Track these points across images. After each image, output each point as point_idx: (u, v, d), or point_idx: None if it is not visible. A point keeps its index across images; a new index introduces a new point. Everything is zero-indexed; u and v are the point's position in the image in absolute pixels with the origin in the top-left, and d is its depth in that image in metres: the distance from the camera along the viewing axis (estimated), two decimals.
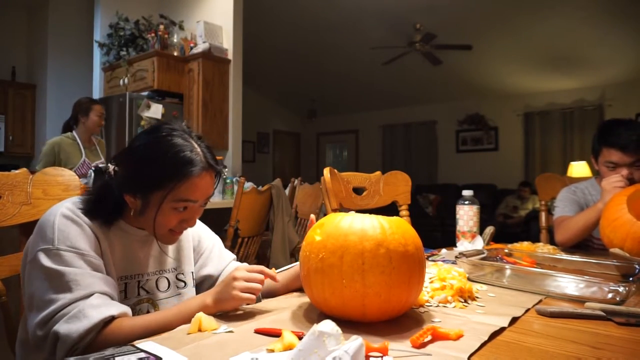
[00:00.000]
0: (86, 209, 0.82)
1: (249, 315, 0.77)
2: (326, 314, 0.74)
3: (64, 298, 0.71)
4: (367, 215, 0.76)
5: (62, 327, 0.69)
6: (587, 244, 1.74)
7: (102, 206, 0.83)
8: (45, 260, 0.74)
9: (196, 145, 0.83)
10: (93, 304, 0.72)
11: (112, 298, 0.77)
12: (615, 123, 1.62)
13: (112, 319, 0.72)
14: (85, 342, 0.69)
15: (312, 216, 0.93)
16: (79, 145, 2.99)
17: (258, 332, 0.67)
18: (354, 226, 0.72)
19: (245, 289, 0.77)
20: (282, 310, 0.80)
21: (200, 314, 0.70)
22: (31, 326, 0.73)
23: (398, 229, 0.73)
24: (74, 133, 3.02)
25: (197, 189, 0.82)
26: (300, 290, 0.95)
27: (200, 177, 0.82)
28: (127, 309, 0.75)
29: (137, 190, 0.82)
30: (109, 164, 0.86)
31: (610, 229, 1.31)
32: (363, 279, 0.68)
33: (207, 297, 0.79)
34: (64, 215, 0.79)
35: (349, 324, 0.69)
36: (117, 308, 0.74)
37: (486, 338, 0.63)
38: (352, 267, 0.68)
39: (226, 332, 0.67)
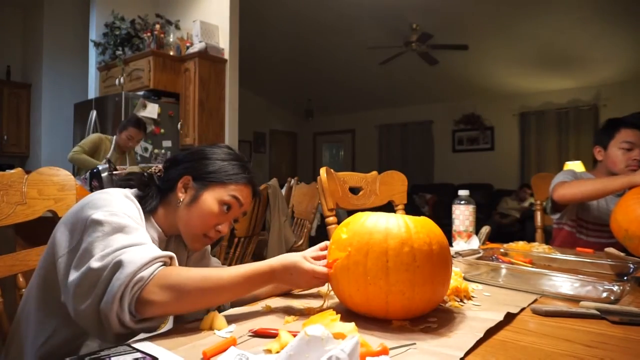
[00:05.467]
0: (137, 199, 0.90)
1: (249, 315, 0.77)
2: (351, 310, 0.75)
3: (128, 239, 0.73)
4: (392, 214, 0.77)
5: (126, 256, 0.69)
6: (581, 229, 1.76)
7: (146, 197, 0.93)
8: (104, 216, 0.75)
9: (249, 167, 0.99)
10: (154, 247, 0.75)
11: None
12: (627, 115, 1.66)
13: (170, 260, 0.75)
14: (148, 271, 0.68)
15: (322, 244, 0.94)
16: (112, 147, 3.35)
17: (255, 334, 0.66)
18: (379, 225, 0.73)
19: (316, 274, 0.77)
20: (282, 309, 0.80)
21: (214, 312, 0.70)
22: (80, 268, 0.70)
23: (423, 228, 0.73)
24: (114, 137, 3.38)
25: (245, 194, 0.95)
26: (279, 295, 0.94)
27: (251, 184, 0.97)
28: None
29: (197, 179, 0.93)
30: (155, 167, 0.99)
31: (621, 210, 1.31)
32: (387, 276, 0.68)
33: (276, 267, 0.78)
34: (126, 196, 0.86)
35: (372, 322, 0.71)
36: (173, 257, 0.76)
37: (482, 335, 0.63)
38: (376, 265, 0.69)
39: (227, 333, 0.67)
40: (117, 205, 0.80)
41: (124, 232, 0.74)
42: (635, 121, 1.60)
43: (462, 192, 1.54)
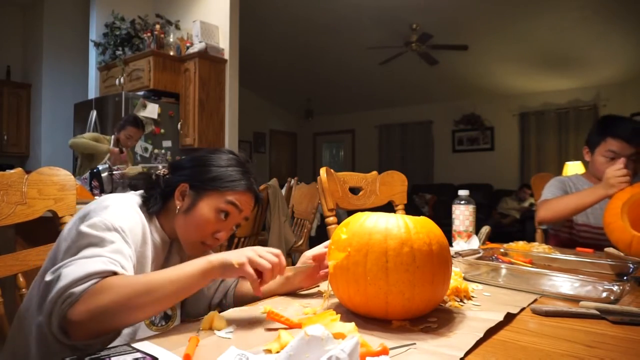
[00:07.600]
0: (145, 206, 0.91)
1: (249, 314, 0.77)
2: (351, 311, 0.75)
3: (94, 252, 0.70)
4: (392, 214, 0.77)
5: (67, 269, 0.67)
6: (572, 236, 1.76)
7: (150, 199, 0.92)
8: (86, 228, 0.74)
9: (251, 173, 0.97)
10: (104, 260, 0.70)
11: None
12: (619, 117, 1.68)
13: (113, 274, 0.70)
14: (80, 287, 0.65)
15: (327, 242, 0.93)
16: (110, 146, 3.32)
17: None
18: (379, 225, 0.73)
19: (254, 262, 0.73)
20: (287, 309, 0.79)
21: (214, 313, 0.70)
22: (44, 282, 0.69)
23: (423, 228, 0.73)
24: (112, 136, 3.33)
25: (244, 201, 0.93)
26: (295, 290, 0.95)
27: (250, 192, 0.94)
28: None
29: (194, 186, 0.91)
30: (161, 167, 0.98)
31: (607, 230, 1.35)
32: (387, 277, 0.68)
33: (214, 257, 0.73)
34: (129, 204, 0.85)
35: (372, 322, 0.71)
36: (122, 270, 0.71)
37: (482, 335, 0.63)
38: (376, 265, 0.69)
39: (227, 333, 0.67)
40: (111, 216, 0.78)
41: (99, 245, 0.72)
42: (622, 133, 1.60)
43: (462, 192, 1.54)
